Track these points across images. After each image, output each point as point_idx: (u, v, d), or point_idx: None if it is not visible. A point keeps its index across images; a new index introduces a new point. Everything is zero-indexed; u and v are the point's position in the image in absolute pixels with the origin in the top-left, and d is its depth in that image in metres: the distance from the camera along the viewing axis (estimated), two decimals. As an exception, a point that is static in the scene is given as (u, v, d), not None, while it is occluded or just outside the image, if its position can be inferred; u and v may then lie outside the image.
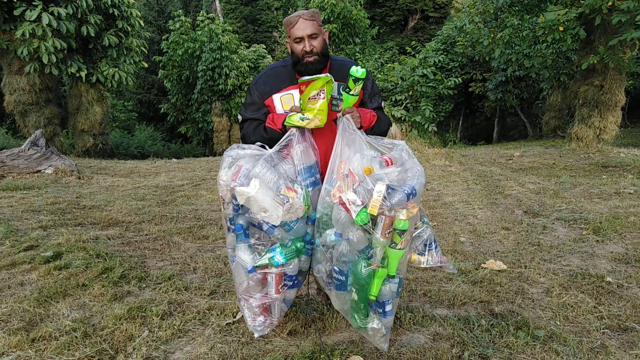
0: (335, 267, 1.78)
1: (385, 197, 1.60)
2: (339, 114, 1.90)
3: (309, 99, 1.84)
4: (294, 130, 1.86)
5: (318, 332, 2.12)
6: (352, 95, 1.87)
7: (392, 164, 1.76)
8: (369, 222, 1.63)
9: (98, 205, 4.83)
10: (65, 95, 13.24)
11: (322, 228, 1.80)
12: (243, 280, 1.92)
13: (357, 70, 1.82)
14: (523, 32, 10.24)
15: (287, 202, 1.75)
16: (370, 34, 16.88)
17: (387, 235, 1.65)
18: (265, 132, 1.96)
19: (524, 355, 1.96)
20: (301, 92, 1.88)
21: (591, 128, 9.75)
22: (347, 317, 1.86)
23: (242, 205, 1.80)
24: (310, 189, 1.85)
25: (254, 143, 1.89)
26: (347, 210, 1.64)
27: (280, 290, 1.89)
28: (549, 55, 11.00)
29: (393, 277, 1.75)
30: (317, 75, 1.84)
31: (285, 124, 1.87)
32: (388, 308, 1.79)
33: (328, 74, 1.84)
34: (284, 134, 1.88)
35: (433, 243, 1.90)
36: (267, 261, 1.83)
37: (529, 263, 3.10)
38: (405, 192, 1.63)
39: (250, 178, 1.75)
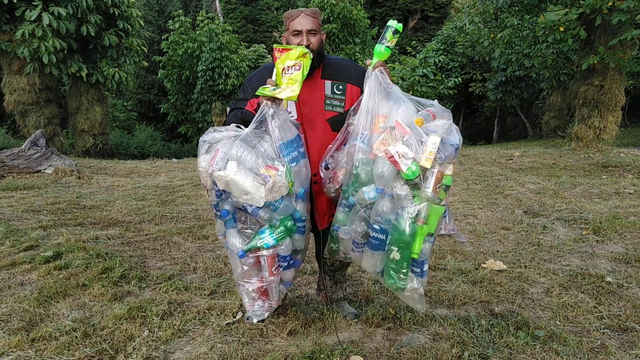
0: (375, 226, 1.71)
1: (439, 150, 1.57)
2: (369, 68, 1.82)
3: (283, 69, 1.79)
4: (268, 103, 1.79)
5: (335, 327, 2.12)
6: (388, 47, 1.79)
7: (435, 117, 1.72)
8: (419, 175, 1.59)
9: (98, 205, 4.83)
10: (65, 95, 13.24)
11: (358, 185, 1.74)
12: (237, 266, 1.90)
13: (396, 23, 1.76)
14: (523, 32, 10.23)
15: (268, 181, 1.70)
16: (370, 34, 16.87)
17: (437, 190, 1.61)
18: (240, 113, 1.94)
19: (524, 355, 1.96)
20: (275, 59, 1.82)
21: (591, 128, 9.74)
22: (380, 278, 1.83)
23: (224, 190, 1.76)
24: (292, 164, 1.79)
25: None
26: (395, 163, 1.59)
27: (274, 272, 1.86)
28: (549, 55, 10.99)
29: (431, 235, 1.72)
30: (295, 46, 1.81)
31: (257, 93, 1.82)
32: (425, 267, 1.77)
33: (305, 47, 1.81)
34: None
35: (446, 211, 1.88)
36: (256, 244, 1.80)
37: (529, 263, 3.10)
38: (454, 145, 1.61)
39: (227, 161, 1.71)
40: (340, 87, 2.01)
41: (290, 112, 1.94)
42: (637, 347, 2.04)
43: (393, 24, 1.77)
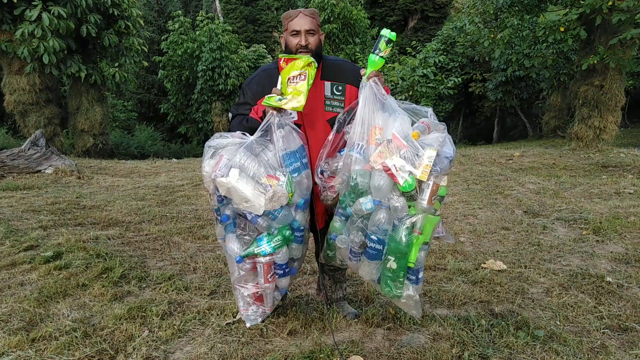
0: (373, 236, 1.74)
1: (435, 163, 1.60)
2: (363, 78, 1.83)
3: (288, 79, 1.81)
4: (273, 112, 1.81)
5: (332, 331, 2.12)
6: (382, 57, 1.80)
7: (430, 129, 1.75)
8: (415, 188, 1.62)
9: (98, 205, 4.83)
10: (65, 95, 13.23)
11: (355, 196, 1.76)
12: (234, 270, 1.93)
13: (389, 32, 1.77)
14: (523, 33, 10.23)
15: (268, 190, 1.72)
16: (370, 34, 16.87)
17: (432, 201, 1.65)
18: (246, 122, 1.96)
19: (524, 355, 1.96)
20: (281, 69, 1.84)
21: (591, 128, 9.74)
22: (378, 286, 1.87)
23: (225, 196, 1.78)
24: (294, 175, 1.81)
25: None
26: (393, 176, 1.62)
27: (269, 279, 1.88)
28: (549, 55, 10.99)
29: (426, 243, 1.76)
30: (300, 55, 1.82)
31: (263, 103, 1.83)
32: (420, 275, 1.82)
33: (310, 56, 1.82)
34: None
35: None
36: (254, 251, 1.82)
37: (529, 263, 3.10)
38: (448, 158, 1.64)
39: (231, 168, 1.73)
40: (340, 87, 2.02)
41: (291, 114, 1.95)
42: (637, 347, 2.04)
43: (386, 33, 1.78)
